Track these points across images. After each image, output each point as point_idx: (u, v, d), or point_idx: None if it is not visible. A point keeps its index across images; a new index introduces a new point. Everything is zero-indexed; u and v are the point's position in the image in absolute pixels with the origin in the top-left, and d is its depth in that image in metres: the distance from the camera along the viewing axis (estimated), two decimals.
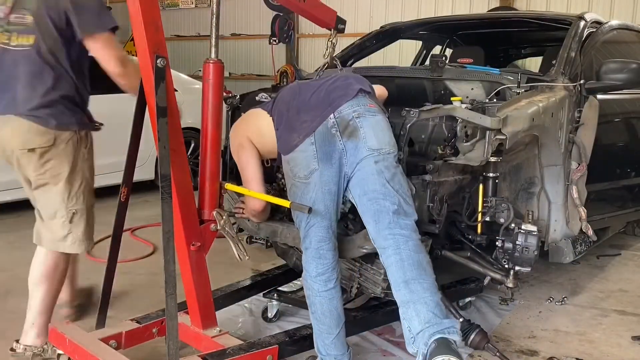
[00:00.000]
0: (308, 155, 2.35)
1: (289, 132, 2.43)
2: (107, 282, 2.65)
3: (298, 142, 2.37)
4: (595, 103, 3.32)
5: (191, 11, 12.23)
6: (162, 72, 2.16)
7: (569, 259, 3.22)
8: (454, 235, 3.09)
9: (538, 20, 4.16)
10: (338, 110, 2.37)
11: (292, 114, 2.46)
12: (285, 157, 2.45)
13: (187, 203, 2.36)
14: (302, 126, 2.39)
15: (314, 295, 2.42)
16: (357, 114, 2.36)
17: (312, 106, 2.42)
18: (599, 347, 3.01)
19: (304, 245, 2.46)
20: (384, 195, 2.32)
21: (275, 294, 3.20)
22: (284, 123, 2.47)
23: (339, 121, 2.35)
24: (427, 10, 9.33)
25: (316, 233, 2.40)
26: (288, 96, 2.54)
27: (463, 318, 2.94)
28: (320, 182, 2.35)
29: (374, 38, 4.43)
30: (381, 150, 2.34)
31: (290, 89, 2.60)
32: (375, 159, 2.33)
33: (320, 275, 2.41)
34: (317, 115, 2.38)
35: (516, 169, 3.21)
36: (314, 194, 2.36)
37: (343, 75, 2.63)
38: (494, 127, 2.50)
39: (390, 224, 2.31)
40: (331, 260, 2.43)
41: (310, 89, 2.50)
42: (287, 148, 2.42)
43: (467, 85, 3.20)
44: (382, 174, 2.33)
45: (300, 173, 2.38)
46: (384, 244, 2.33)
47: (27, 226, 5.04)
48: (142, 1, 2.10)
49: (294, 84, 2.65)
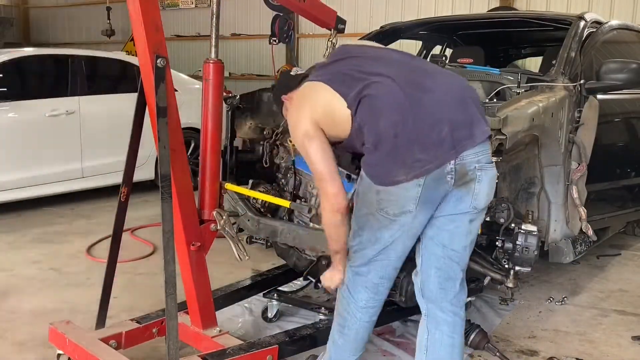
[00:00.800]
0: (409, 196, 1.99)
1: (394, 164, 1.99)
2: (107, 282, 2.66)
3: (404, 179, 1.97)
4: (595, 103, 3.32)
5: (191, 11, 12.23)
6: (162, 72, 2.16)
7: (569, 259, 3.22)
8: None
9: (538, 20, 4.15)
10: (461, 156, 2.00)
11: (401, 142, 1.98)
12: (376, 186, 2.04)
13: (187, 203, 2.36)
14: (414, 164, 1.96)
15: (354, 322, 2.25)
16: (479, 166, 2.03)
17: (432, 144, 1.98)
18: (599, 347, 3.01)
19: (356, 270, 2.18)
20: (460, 259, 2.17)
21: (275, 294, 3.20)
22: (388, 149, 2.00)
23: (458, 168, 2.00)
24: (427, 10, 9.33)
25: (381, 269, 2.16)
26: (397, 114, 1.99)
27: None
28: (410, 226, 2.06)
29: (374, 38, 4.43)
30: (483, 209, 2.14)
31: (392, 100, 2.02)
32: (471, 217, 2.11)
33: (369, 308, 2.24)
34: (436, 157, 1.97)
35: (516, 169, 3.21)
36: (398, 233, 2.07)
37: (457, 88, 2.13)
38: (494, 127, 2.50)
39: (454, 300, 2.20)
40: (385, 295, 2.25)
41: (425, 114, 2.00)
42: (386, 180, 2.01)
43: None
44: (470, 236, 2.15)
45: (390, 210, 2.03)
46: (441, 316, 2.22)
47: (27, 226, 5.08)
48: (142, 1, 2.11)
49: (394, 89, 2.03)
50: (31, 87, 5.86)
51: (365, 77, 2.08)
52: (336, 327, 2.33)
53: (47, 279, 3.83)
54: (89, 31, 13.86)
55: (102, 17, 12.58)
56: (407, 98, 2.01)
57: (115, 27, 12.31)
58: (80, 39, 13.99)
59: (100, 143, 5.81)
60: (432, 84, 2.09)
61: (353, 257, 2.19)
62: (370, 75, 2.08)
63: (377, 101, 2.03)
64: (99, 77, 6.28)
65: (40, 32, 14.97)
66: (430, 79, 2.13)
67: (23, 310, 3.33)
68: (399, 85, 2.04)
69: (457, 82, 2.17)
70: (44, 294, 3.57)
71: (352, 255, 2.19)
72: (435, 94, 2.05)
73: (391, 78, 2.06)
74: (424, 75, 2.14)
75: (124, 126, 2.68)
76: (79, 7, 14.10)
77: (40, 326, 3.05)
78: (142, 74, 2.26)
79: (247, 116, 3.36)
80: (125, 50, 9.95)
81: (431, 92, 2.05)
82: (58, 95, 5.61)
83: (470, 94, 2.13)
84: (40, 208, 5.63)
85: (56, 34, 14.69)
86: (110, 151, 5.75)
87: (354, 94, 2.05)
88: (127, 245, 4.35)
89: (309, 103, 2.15)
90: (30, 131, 5.35)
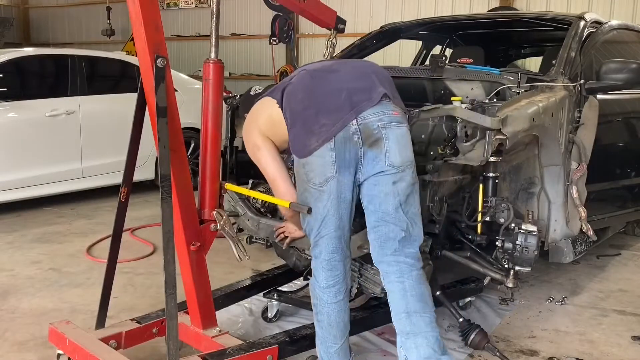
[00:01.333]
0: (326, 161, 2.22)
1: (305, 134, 2.26)
2: (107, 282, 2.66)
3: (316, 146, 2.22)
4: (595, 103, 3.32)
5: (191, 11, 12.23)
6: (162, 72, 2.16)
7: (569, 259, 3.22)
8: (454, 235, 3.09)
9: (538, 20, 4.15)
10: (361, 116, 2.22)
11: (309, 114, 2.28)
12: (300, 160, 2.29)
13: (187, 203, 2.36)
14: (320, 130, 2.22)
15: (322, 305, 2.35)
16: (382, 124, 2.23)
17: (333, 109, 2.25)
18: (599, 347, 3.01)
19: (313, 253, 2.37)
20: (395, 219, 2.26)
21: (275, 294, 3.20)
22: (299, 123, 2.29)
23: (362, 128, 2.22)
24: (427, 10, 9.33)
25: (328, 243, 2.30)
26: (301, 92, 2.34)
27: (463, 318, 2.94)
28: (337, 191, 2.24)
29: (374, 38, 4.43)
30: (401, 167, 2.25)
31: (301, 84, 2.38)
32: (393, 179, 2.24)
33: (330, 287, 2.33)
34: (338, 118, 2.22)
35: (516, 169, 3.21)
36: (329, 202, 2.25)
37: (361, 66, 2.44)
38: (494, 127, 2.50)
39: (396, 252, 2.28)
40: (342, 271, 2.35)
41: (327, 86, 2.32)
42: (304, 151, 2.26)
43: (467, 85, 3.20)
44: (398, 197, 2.25)
45: (316, 180, 2.24)
46: (387, 269, 2.31)
47: (27, 226, 5.08)
48: (142, 1, 2.11)
49: (305, 76, 2.40)
50: (31, 87, 5.86)
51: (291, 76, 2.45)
52: (315, 321, 2.43)
53: (47, 279, 3.83)
54: (89, 31, 13.86)
55: (102, 17, 12.59)
56: (313, 79, 2.36)
57: (115, 27, 12.32)
58: (80, 39, 13.99)
59: (100, 143, 5.81)
60: (340, 67, 2.42)
61: (310, 240, 2.36)
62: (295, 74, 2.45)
63: (291, 90, 2.37)
64: (99, 77, 6.28)
65: (40, 32, 14.97)
66: (342, 65, 2.46)
67: (23, 310, 3.33)
68: (310, 73, 2.40)
69: (364, 63, 2.48)
70: (44, 294, 3.57)
71: (309, 239, 2.37)
72: (339, 73, 2.36)
73: (306, 70, 2.43)
74: (338, 63, 2.48)
75: (124, 126, 2.68)
76: (79, 7, 14.10)
77: (40, 326, 3.05)
78: (142, 74, 2.26)
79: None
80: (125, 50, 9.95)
81: (336, 72, 2.37)
82: (58, 95, 5.61)
83: (373, 69, 2.41)
84: (40, 208, 5.63)
85: (56, 34, 14.69)
86: (110, 151, 5.75)
87: (279, 91, 2.40)
88: (127, 245, 4.35)
89: (255, 118, 2.48)
90: (30, 131, 5.35)
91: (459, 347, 2.91)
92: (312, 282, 2.41)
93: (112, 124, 5.81)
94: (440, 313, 3.26)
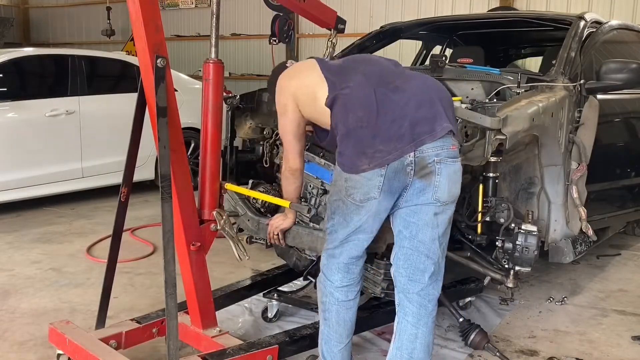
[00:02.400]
0: (372, 184, 2.16)
1: (357, 154, 2.17)
2: (107, 282, 2.66)
3: (366, 168, 2.15)
4: (595, 103, 3.32)
5: (191, 11, 12.22)
6: (162, 72, 2.16)
7: (569, 259, 3.22)
8: (454, 235, 3.09)
9: (538, 20, 4.15)
10: (420, 149, 2.14)
11: (365, 134, 2.16)
12: (343, 174, 2.21)
13: (187, 203, 2.36)
14: (374, 154, 2.14)
15: (333, 303, 2.34)
16: (438, 159, 2.16)
17: (392, 137, 2.14)
18: (599, 347, 3.01)
19: (330, 252, 2.34)
20: (429, 251, 2.24)
21: (275, 294, 3.20)
22: (353, 140, 2.18)
23: (418, 160, 2.15)
24: (427, 10, 9.32)
25: (352, 249, 2.29)
26: (361, 110, 2.19)
27: (463, 318, 2.94)
28: (375, 210, 2.20)
29: (374, 38, 4.43)
30: (446, 202, 2.21)
31: (363, 100, 2.21)
32: (436, 210, 2.20)
33: (345, 286, 2.33)
34: (395, 149, 2.13)
35: (516, 169, 3.21)
36: (365, 217, 2.22)
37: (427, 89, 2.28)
38: (494, 127, 2.50)
39: (421, 292, 2.27)
40: (358, 273, 2.36)
41: (390, 110, 2.18)
42: (351, 169, 2.18)
43: (467, 85, 3.20)
44: (437, 229, 2.22)
45: (357, 197, 2.19)
46: (407, 305, 2.29)
47: (27, 226, 5.08)
48: (142, 1, 2.11)
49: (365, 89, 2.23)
50: (31, 87, 5.86)
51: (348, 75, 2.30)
52: (321, 318, 2.42)
53: (47, 279, 3.83)
54: (89, 31, 13.85)
55: (102, 17, 12.58)
56: (376, 97, 2.21)
57: (115, 27, 12.31)
58: (80, 39, 13.98)
59: (100, 143, 5.81)
60: (405, 85, 2.26)
61: (328, 240, 2.35)
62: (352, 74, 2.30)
63: (349, 100, 2.24)
64: (99, 77, 6.28)
65: (40, 32, 14.96)
66: (405, 81, 2.29)
67: (23, 310, 3.33)
68: (371, 84, 2.24)
69: (430, 84, 2.32)
70: (44, 294, 3.57)
71: (327, 238, 2.35)
72: (405, 94, 2.22)
73: (367, 78, 2.27)
74: (400, 77, 2.31)
75: (124, 126, 2.68)
76: (79, 7, 14.09)
77: (40, 326, 3.05)
78: (142, 74, 2.26)
79: (247, 116, 3.37)
80: (125, 50, 9.95)
81: (402, 91, 2.23)
82: (58, 95, 5.61)
83: (440, 95, 2.27)
84: (40, 208, 5.63)
85: (56, 34, 14.68)
86: (110, 151, 5.75)
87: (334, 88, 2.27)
88: (127, 245, 4.35)
89: (298, 78, 2.39)
90: (30, 131, 5.35)
91: (459, 347, 2.91)
92: (323, 281, 2.37)
93: (112, 124, 5.81)
94: (440, 313, 3.26)
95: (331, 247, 2.33)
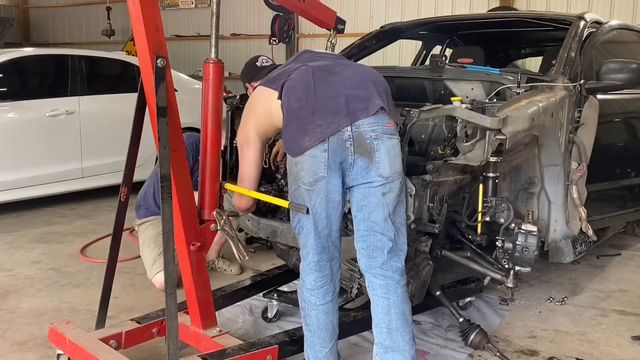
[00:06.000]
0: (318, 161, 2.24)
1: (299, 133, 2.27)
2: (107, 282, 2.66)
3: (309, 145, 2.24)
4: (595, 103, 3.32)
5: (191, 11, 12.22)
6: (162, 72, 2.16)
7: (569, 259, 3.22)
8: (454, 235, 3.09)
9: (538, 20, 4.15)
10: (356, 124, 2.25)
11: (305, 113, 2.29)
12: (292, 159, 2.31)
13: (187, 203, 2.36)
14: (315, 130, 2.25)
15: (310, 308, 2.37)
16: (375, 135, 2.26)
17: (329, 112, 2.27)
18: (599, 347, 3.01)
19: (302, 255, 2.39)
20: (383, 229, 2.31)
21: (275, 294, 3.20)
22: (295, 121, 2.30)
23: (355, 136, 2.25)
24: (427, 10, 9.32)
25: (315, 243, 2.32)
26: (300, 90, 2.33)
27: (463, 318, 2.94)
28: (326, 191, 2.27)
29: (374, 38, 4.43)
30: (389, 178, 2.29)
31: (302, 81, 2.35)
32: (383, 190, 2.28)
33: (318, 288, 2.35)
34: (333, 122, 2.25)
35: (516, 169, 3.21)
36: (318, 201, 2.28)
37: (361, 73, 2.43)
38: (494, 127, 2.50)
39: (384, 265, 2.33)
40: (330, 272, 2.37)
41: (327, 88, 2.32)
42: (297, 149, 2.28)
43: (467, 85, 3.20)
44: (387, 207, 2.30)
45: (306, 179, 2.27)
46: (373, 280, 2.36)
47: (27, 226, 5.08)
48: (142, 1, 2.11)
49: (305, 72, 2.38)
50: (31, 87, 5.86)
51: (292, 70, 2.43)
52: (303, 324, 2.45)
53: (47, 279, 3.83)
54: (89, 31, 13.85)
55: (102, 17, 12.57)
56: (314, 78, 2.35)
57: (115, 27, 12.30)
58: (80, 39, 13.98)
59: (100, 143, 5.81)
60: (342, 70, 2.42)
61: (299, 240, 2.39)
62: (297, 68, 2.43)
63: (291, 84, 2.37)
64: (99, 77, 6.28)
65: (40, 32, 14.96)
66: (343, 67, 2.45)
67: (23, 310, 3.33)
68: (311, 70, 2.38)
69: (365, 70, 2.47)
70: (44, 294, 3.57)
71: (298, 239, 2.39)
72: (341, 77, 2.37)
73: (308, 66, 2.41)
74: (339, 65, 2.48)
75: (124, 126, 2.68)
76: (79, 7, 14.08)
77: (40, 326, 3.05)
78: (142, 74, 2.26)
79: None
80: (125, 50, 9.94)
81: (338, 74, 2.38)
82: (58, 95, 5.60)
83: (374, 79, 2.40)
84: (40, 208, 5.63)
85: (56, 34, 14.68)
86: (110, 151, 5.75)
87: (280, 84, 2.40)
88: (127, 245, 4.35)
89: (254, 111, 2.51)
90: (30, 131, 5.35)
91: (459, 347, 2.91)
92: (300, 287, 2.42)
93: (112, 124, 5.81)
94: (440, 313, 3.27)
95: (301, 246, 2.38)
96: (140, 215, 3.92)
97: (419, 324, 3.16)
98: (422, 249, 2.78)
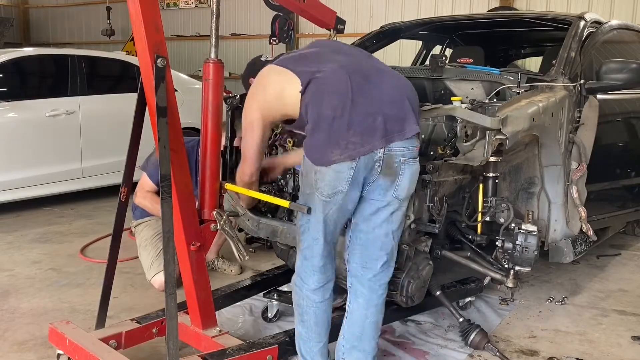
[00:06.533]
0: (341, 177, 2.17)
1: (329, 144, 2.16)
2: (107, 282, 2.66)
3: (337, 160, 2.15)
4: (595, 103, 3.32)
5: (191, 11, 12.23)
6: (162, 72, 2.16)
7: (569, 259, 3.22)
8: (454, 235, 3.09)
9: (538, 20, 4.15)
10: (389, 146, 2.19)
11: (339, 125, 2.15)
12: (313, 166, 2.21)
13: (187, 203, 2.36)
14: (347, 146, 2.14)
15: (309, 306, 2.38)
16: (404, 159, 2.23)
17: (365, 130, 2.16)
18: (599, 347, 3.01)
19: (303, 255, 2.36)
20: (383, 244, 2.34)
21: (275, 294, 3.20)
22: (327, 131, 2.16)
23: (386, 158, 2.20)
24: (427, 10, 9.33)
25: (322, 249, 2.32)
26: (336, 98, 2.17)
27: (463, 318, 2.94)
28: (342, 203, 2.24)
29: (374, 38, 4.43)
30: (404, 200, 2.31)
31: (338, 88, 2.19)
32: (393, 209, 2.30)
33: (320, 288, 2.37)
34: (367, 142, 2.16)
35: (516, 169, 3.21)
36: (331, 212, 2.25)
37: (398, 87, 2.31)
38: (494, 127, 2.50)
39: (374, 277, 2.38)
40: (332, 272, 2.41)
41: (365, 103, 2.18)
42: (322, 160, 2.17)
43: (467, 85, 3.20)
44: (391, 225, 2.32)
45: (325, 191, 2.20)
46: (359, 288, 2.41)
47: (27, 226, 5.08)
48: (142, 1, 2.11)
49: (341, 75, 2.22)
50: (31, 87, 5.86)
51: (321, 62, 2.30)
52: (297, 320, 2.46)
53: (47, 279, 3.83)
54: (89, 31, 13.86)
55: (102, 17, 12.58)
56: (352, 86, 2.19)
57: (115, 27, 12.31)
58: (80, 39, 13.99)
59: (100, 143, 5.81)
60: (379, 79, 2.28)
61: (301, 239, 2.35)
62: (326, 62, 2.30)
63: (323, 84, 2.22)
64: (99, 77, 6.28)
65: (40, 32, 14.96)
66: (379, 75, 2.32)
67: (23, 310, 3.33)
68: (348, 73, 2.23)
69: (402, 82, 2.36)
70: (44, 294, 3.57)
71: (300, 238, 2.36)
72: (379, 89, 2.24)
73: (342, 66, 2.27)
74: (374, 70, 2.34)
75: (124, 126, 2.68)
76: (79, 7, 14.09)
77: (40, 326, 3.05)
78: (142, 74, 2.26)
79: None
80: (125, 50, 9.95)
81: (376, 85, 2.25)
82: (58, 95, 5.60)
83: (409, 95, 2.31)
84: (40, 208, 5.63)
85: (56, 34, 14.69)
86: (110, 151, 5.75)
87: (307, 74, 2.25)
88: (127, 245, 4.35)
89: (261, 91, 2.39)
90: (30, 131, 5.34)
91: (459, 347, 2.91)
92: (299, 285, 2.40)
93: (112, 124, 5.81)
94: (440, 313, 3.27)
95: (304, 247, 2.35)
96: (136, 216, 3.91)
97: (419, 323, 3.17)
98: (422, 249, 2.78)
